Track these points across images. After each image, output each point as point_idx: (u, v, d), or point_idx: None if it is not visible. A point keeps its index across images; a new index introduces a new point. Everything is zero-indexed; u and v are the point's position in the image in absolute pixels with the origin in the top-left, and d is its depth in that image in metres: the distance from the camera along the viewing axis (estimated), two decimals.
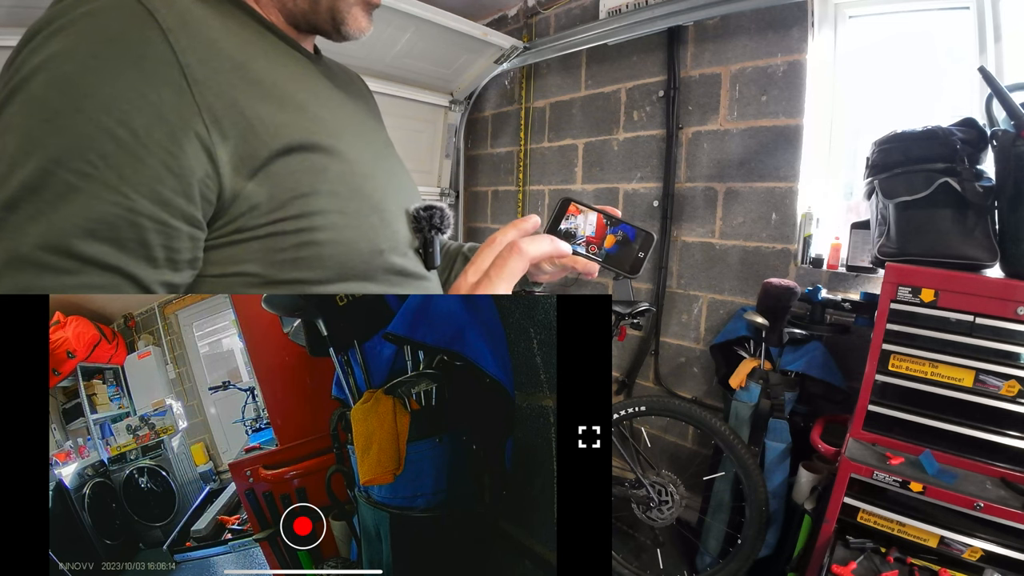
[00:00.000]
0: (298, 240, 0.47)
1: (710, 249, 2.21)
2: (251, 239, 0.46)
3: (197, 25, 0.43)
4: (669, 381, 2.39)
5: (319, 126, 0.50)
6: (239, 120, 0.43)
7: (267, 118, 0.45)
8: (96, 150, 0.38)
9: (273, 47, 0.52)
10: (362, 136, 0.59)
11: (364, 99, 0.71)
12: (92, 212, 0.38)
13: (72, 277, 0.38)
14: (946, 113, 1.76)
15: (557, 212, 0.63)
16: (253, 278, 0.47)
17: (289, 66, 0.53)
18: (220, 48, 0.44)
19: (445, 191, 3.18)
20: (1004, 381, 1.23)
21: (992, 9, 1.58)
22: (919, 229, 1.38)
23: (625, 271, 0.61)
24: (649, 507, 1.80)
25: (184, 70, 0.40)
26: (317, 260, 0.49)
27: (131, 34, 0.39)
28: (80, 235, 0.38)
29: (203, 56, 0.42)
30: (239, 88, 0.44)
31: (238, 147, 0.43)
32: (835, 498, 1.36)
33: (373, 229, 0.53)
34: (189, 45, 0.41)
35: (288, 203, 0.46)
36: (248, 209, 0.45)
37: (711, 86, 2.15)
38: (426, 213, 0.61)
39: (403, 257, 0.58)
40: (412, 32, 2.38)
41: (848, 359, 1.74)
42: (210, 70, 0.42)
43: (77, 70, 0.38)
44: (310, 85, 0.54)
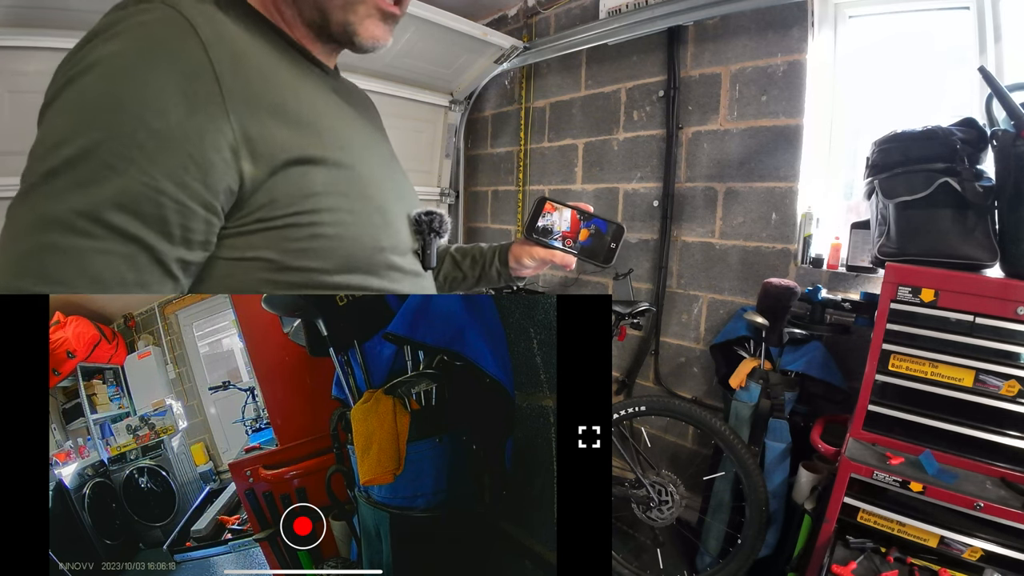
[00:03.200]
0: (311, 232, 0.53)
1: (710, 249, 2.21)
2: (270, 228, 0.51)
3: (231, 40, 0.49)
4: (669, 381, 2.39)
5: (332, 137, 0.56)
6: (262, 128, 0.49)
7: (286, 128, 0.51)
8: (134, 138, 0.43)
9: (295, 64, 0.58)
10: (369, 148, 0.65)
11: (371, 114, 0.76)
12: (123, 189, 0.43)
13: (96, 241, 0.43)
14: (946, 113, 1.76)
15: (534, 211, 0.69)
16: (268, 263, 0.52)
17: (308, 82, 0.58)
18: (250, 63, 0.50)
19: (445, 191, 3.18)
20: (1004, 381, 1.23)
21: (992, 9, 1.58)
22: (919, 229, 1.38)
23: (599, 261, 0.67)
24: (649, 507, 1.80)
25: (218, 78, 0.46)
26: (326, 251, 0.54)
27: (175, 43, 0.46)
28: (109, 207, 0.43)
29: (235, 68, 0.48)
30: (264, 99, 0.50)
31: (260, 149, 0.49)
32: (835, 498, 1.36)
33: (376, 228, 0.59)
34: (223, 57, 0.47)
35: (302, 200, 0.52)
36: (268, 202, 0.50)
37: (711, 86, 2.15)
38: (427, 218, 0.67)
39: (402, 256, 0.63)
40: (412, 32, 2.38)
41: (848, 359, 1.74)
42: (240, 80, 0.48)
43: (126, 68, 0.44)
44: (325, 100, 0.59)
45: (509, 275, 0.83)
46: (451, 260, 0.88)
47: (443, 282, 0.88)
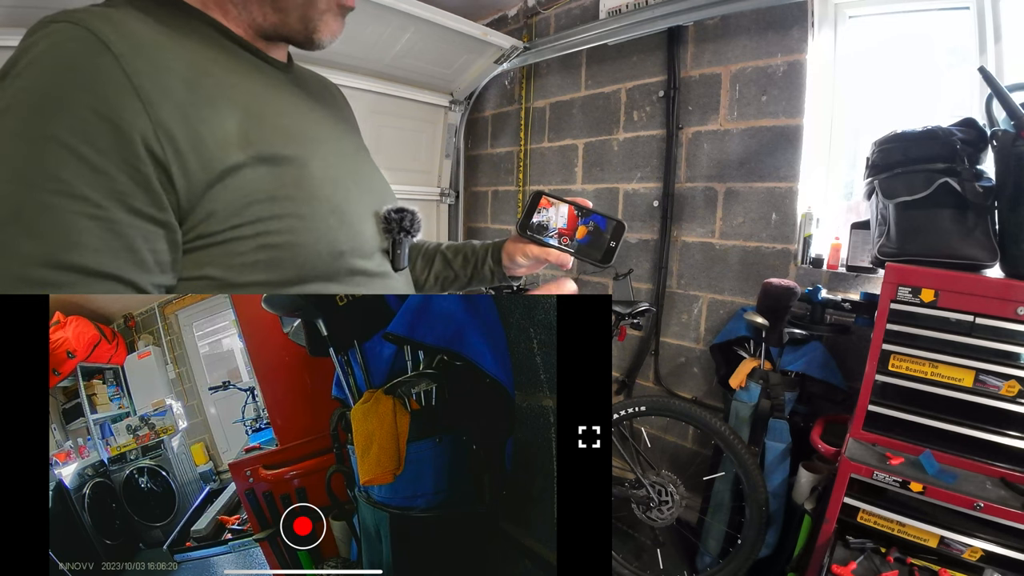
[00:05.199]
0: (256, 244, 0.49)
1: (710, 249, 2.21)
2: (211, 245, 0.48)
3: (148, 49, 0.45)
4: (669, 381, 2.39)
5: (276, 135, 0.52)
6: (191, 135, 0.45)
7: (219, 132, 0.47)
8: (68, 169, 0.40)
9: (236, 60, 0.54)
10: (326, 142, 0.60)
11: (336, 106, 0.72)
12: (75, 226, 0.40)
13: (74, 289, 0.40)
14: (946, 113, 1.76)
15: (529, 206, 0.64)
16: (212, 281, 0.49)
17: (251, 78, 0.54)
18: (172, 68, 0.46)
19: (445, 191, 3.18)
20: (1004, 381, 1.23)
21: (992, 9, 1.58)
22: (919, 229, 1.38)
23: (597, 260, 0.62)
24: (649, 507, 1.80)
25: (138, 91, 0.43)
26: (275, 263, 0.50)
27: (86, 63, 0.42)
28: (70, 248, 0.40)
29: (155, 77, 0.44)
30: (192, 105, 0.46)
31: (192, 160, 0.45)
32: (835, 498, 1.36)
33: (332, 231, 0.54)
34: (141, 68, 0.43)
35: (243, 209, 0.48)
36: (206, 217, 0.47)
37: (711, 86, 2.15)
38: (396, 215, 0.63)
39: (367, 259, 0.59)
40: (412, 32, 2.38)
41: (848, 359, 1.74)
42: (162, 89, 0.44)
43: (42, 101, 0.41)
44: (272, 95, 0.56)
45: (503, 274, 0.78)
46: (442, 259, 0.83)
47: (434, 281, 0.84)
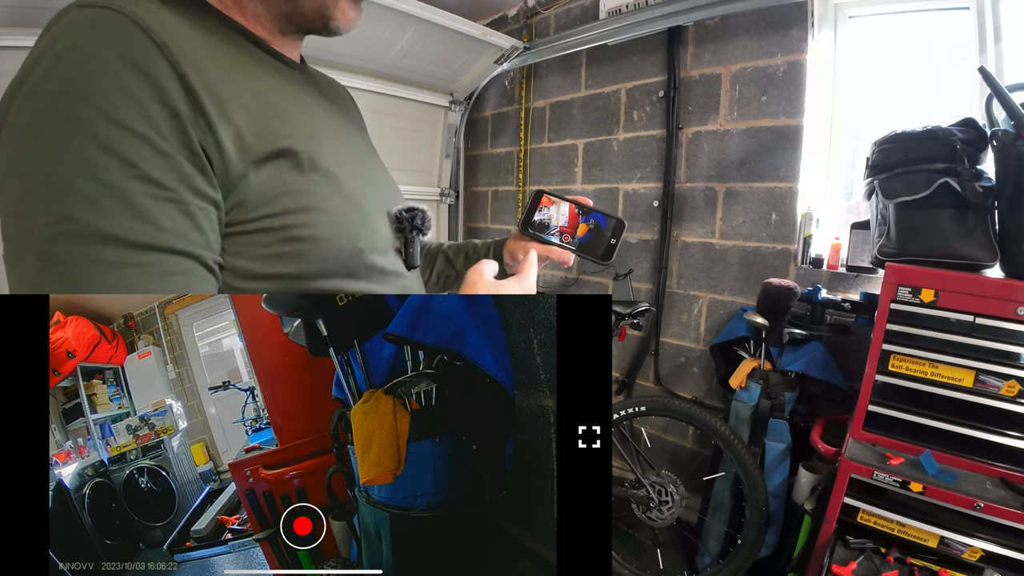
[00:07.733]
0: (282, 236, 0.50)
1: (710, 249, 2.21)
2: (238, 233, 0.48)
3: (182, 41, 0.45)
4: (669, 381, 2.39)
5: (299, 132, 0.52)
6: (227, 124, 0.46)
7: (250, 124, 0.47)
8: (134, 153, 0.40)
9: (254, 59, 0.54)
10: (343, 142, 0.61)
11: (346, 106, 0.73)
12: (150, 208, 0.41)
13: (151, 270, 0.41)
14: (946, 113, 1.76)
15: (531, 204, 0.65)
16: (234, 272, 0.49)
17: (270, 77, 0.55)
18: (204, 61, 0.46)
19: (445, 191, 3.18)
20: (1004, 381, 1.23)
21: (992, 9, 1.58)
22: (919, 229, 1.38)
23: (598, 258, 0.63)
24: (649, 507, 1.80)
25: (182, 80, 0.43)
26: (299, 255, 0.51)
27: (134, 51, 0.42)
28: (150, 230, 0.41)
29: (195, 68, 0.44)
30: (226, 97, 0.46)
31: (229, 149, 0.46)
32: (835, 498, 1.36)
33: (354, 227, 0.55)
34: (182, 58, 0.44)
35: (273, 200, 0.49)
36: (236, 205, 0.47)
37: (711, 86, 2.15)
38: (408, 214, 0.64)
39: (383, 256, 0.60)
40: (412, 32, 2.38)
41: (848, 359, 1.74)
42: (202, 80, 0.45)
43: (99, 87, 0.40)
44: (291, 94, 0.57)
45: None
46: (444, 258, 0.84)
47: (436, 280, 0.84)
